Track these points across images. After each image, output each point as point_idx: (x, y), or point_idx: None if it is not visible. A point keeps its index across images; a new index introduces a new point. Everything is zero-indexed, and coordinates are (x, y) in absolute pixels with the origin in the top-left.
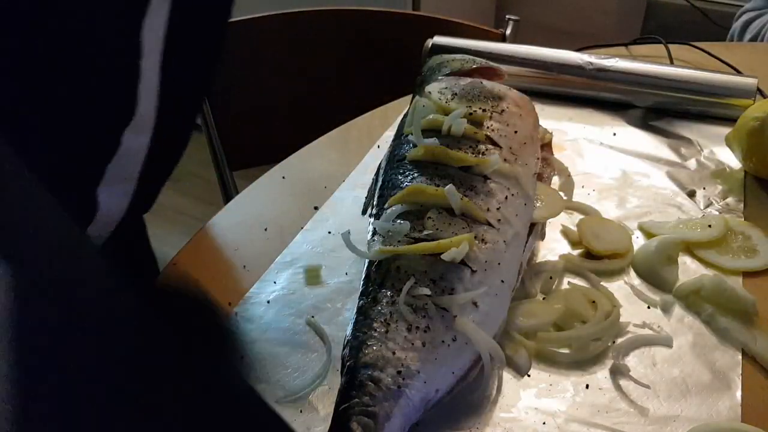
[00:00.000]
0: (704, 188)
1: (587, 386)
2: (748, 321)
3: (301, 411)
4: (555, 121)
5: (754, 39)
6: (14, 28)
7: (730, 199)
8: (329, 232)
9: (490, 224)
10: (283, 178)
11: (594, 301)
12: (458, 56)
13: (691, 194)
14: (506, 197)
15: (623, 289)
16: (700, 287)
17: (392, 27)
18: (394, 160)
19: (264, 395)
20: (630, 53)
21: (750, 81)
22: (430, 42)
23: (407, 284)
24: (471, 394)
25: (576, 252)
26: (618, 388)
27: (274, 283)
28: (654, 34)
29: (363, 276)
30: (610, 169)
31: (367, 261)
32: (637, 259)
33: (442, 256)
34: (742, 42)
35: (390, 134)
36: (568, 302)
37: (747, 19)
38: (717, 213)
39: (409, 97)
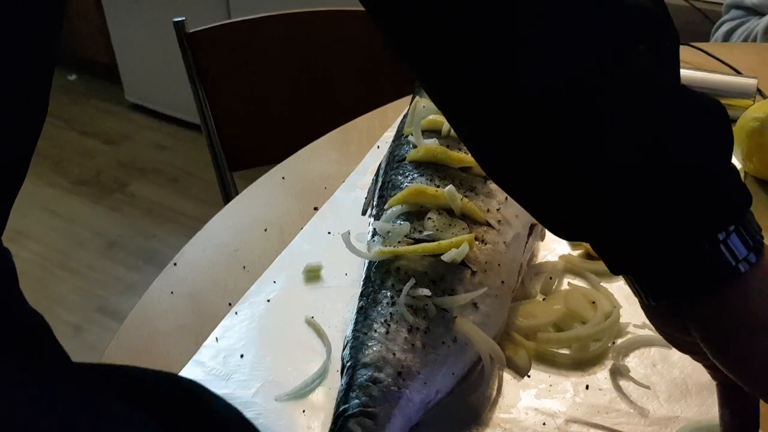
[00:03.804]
0: None
1: (587, 387)
2: None
3: (303, 411)
4: None
5: None
6: None
7: None
8: (329, 232)
9: (490, 225)
10: (283, 178)
11: (594, 302)
12: None
13: None
14: (506, 198)
15: (623, 289)
16: None
17: None
18: (394, 160)
19: (265, 395)
20: None
21: (750, 81)
22: None
23: (407, 285)
24: (471, 394)
25: (576, 252)
26: (618, 388)
27: (274, 282)
28: None
29: (363, 276)
30: None
31: (367, 261)
32: None
33: (442, 257)
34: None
35: (390, 134)
36: (568, 303)
37: (728, 29)
38: None
39: (409, 97)
